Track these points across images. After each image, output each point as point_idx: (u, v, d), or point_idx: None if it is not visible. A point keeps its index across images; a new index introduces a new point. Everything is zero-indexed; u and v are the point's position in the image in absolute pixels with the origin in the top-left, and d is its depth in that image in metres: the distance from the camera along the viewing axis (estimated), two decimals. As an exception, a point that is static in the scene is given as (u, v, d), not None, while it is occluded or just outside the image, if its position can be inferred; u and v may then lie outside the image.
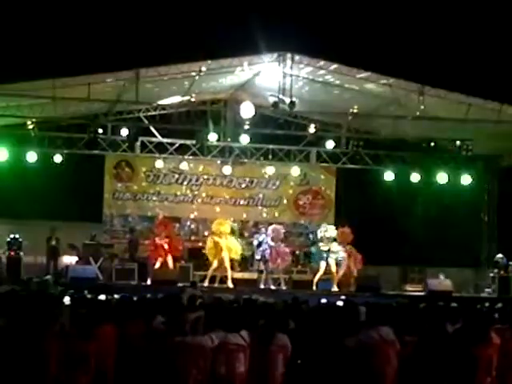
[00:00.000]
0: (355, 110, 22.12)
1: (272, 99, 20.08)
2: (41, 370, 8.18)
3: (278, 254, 22.50)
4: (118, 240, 24.93)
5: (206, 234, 23.77)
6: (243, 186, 26.21)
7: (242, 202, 26.18)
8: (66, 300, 11.80)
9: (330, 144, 24.44)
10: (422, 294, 22.27)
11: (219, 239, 22.14)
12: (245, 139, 23.69)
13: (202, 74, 20.82)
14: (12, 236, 22.46)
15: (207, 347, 8.46)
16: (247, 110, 20.08)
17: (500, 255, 23.87)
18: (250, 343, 8.55)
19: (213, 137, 22.88)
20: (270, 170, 25.61)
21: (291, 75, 20.59)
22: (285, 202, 26.45)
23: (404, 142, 24.65)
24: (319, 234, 22.71)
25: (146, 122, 24.53)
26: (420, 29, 23.45)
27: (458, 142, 22.34)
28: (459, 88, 20.17)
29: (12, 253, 22.17)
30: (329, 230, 22.72)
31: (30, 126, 22.67)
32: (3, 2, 22.01)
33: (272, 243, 22.40)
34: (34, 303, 9.33)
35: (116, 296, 13.26)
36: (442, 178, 24.07)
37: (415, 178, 24.45)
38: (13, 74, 18.88)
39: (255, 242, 22.73)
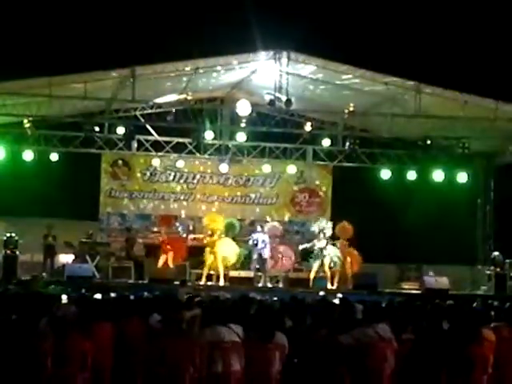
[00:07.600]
0: (351, 108, 22.06)
1: (268, 97, 20.07)
2: (37, 368, 8.17)
3: (281, 255, 22.64)
4: (114, 238, 24.86)
5: (208, 232, 23.56)
6: (240, 184, 26.14)
7: (238, 200, 26.10)
8: (64, 298, 11.82)
9: (326, 142, 24.45)
10: (418, 291, 22.27)
11: (212, 238, 22.25)
12: (241, 137, 23.65)
13: (198, 71, 20.82)
14: (8, 234, 22.40)
15: (203, 345, 8.45)
16: (243, 108, 20.10)
17: (496, 253, 23.89)
18: (246, 340, 8.55)
19: (209, 135, 22.85)
20: (266, 168, 25.51)
21: (287, 73, 20.58)
22: (281, 200, 26.37)
23: (400, 140, 24.63)
24: (316, 229, 22.65)
25: (143, 120, 24.51)
26: (416, 27, 23.49)
27: (454, 140, 22.37)
28: (455, 86, 20.20)
29: (8, 251, 22.11)
30: (325, 226, 22.68)
31: (27, 125, 22.59)
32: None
33: (269, 241, 22.48)
34: (30, 302, 9.32)
35: (113, 294, 13.27)
36: (438, 175, 24.07)
37: (412, 175, 24.47)
38: (9, 72, 18.87)
39: (252, 241, 22.69)
